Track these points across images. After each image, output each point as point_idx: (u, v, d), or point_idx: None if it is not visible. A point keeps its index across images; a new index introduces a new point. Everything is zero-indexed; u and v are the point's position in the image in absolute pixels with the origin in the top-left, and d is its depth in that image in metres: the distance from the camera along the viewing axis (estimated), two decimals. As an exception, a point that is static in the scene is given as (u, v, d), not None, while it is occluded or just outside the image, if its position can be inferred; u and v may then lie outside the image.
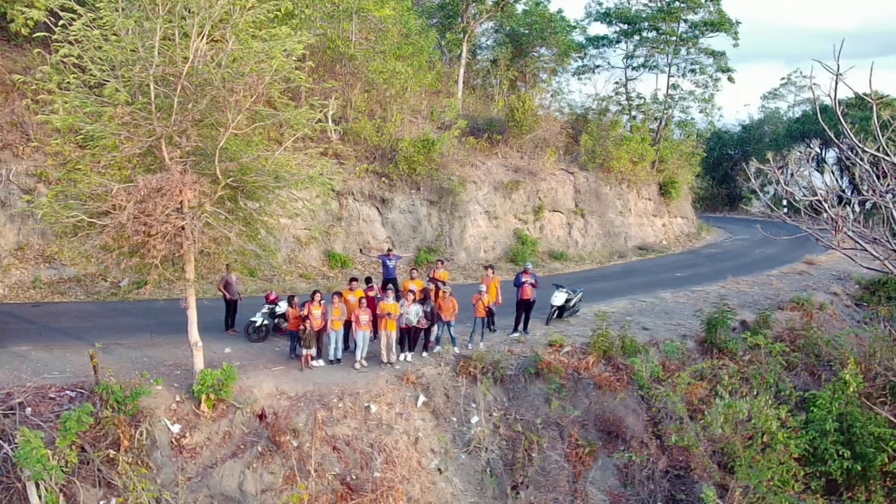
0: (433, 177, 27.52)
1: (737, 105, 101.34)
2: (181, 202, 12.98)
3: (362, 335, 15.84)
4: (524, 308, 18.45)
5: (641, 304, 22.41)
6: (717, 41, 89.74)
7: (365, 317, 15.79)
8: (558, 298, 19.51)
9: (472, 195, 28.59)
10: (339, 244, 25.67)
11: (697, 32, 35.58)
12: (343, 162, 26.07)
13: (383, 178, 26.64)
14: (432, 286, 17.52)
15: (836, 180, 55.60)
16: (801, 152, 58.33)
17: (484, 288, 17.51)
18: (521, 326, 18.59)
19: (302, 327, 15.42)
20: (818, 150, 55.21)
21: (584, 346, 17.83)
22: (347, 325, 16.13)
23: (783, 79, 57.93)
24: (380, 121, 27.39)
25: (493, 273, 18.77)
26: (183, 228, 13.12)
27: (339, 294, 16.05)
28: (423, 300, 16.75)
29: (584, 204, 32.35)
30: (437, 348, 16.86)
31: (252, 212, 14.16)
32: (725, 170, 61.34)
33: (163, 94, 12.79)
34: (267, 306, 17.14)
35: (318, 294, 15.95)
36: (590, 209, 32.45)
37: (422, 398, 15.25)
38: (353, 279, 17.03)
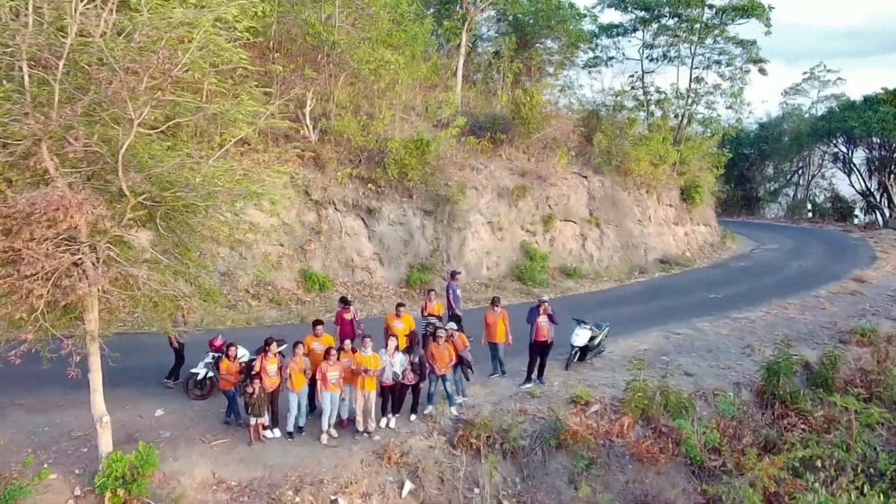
0: (428, 182, 23.81)
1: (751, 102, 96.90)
2: (76, 228, 9.27)
3: (330, 398, 12.13)
4: (539, 351, 14.74)
5: (677, 338, 18.67)
6: (745, 29, 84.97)
7: (334, 373, 12.07)
8: (580, 337, 15.78)
9: (472, 203, 24.87)
10: (318, 262, 21.93)
11: (726, 19, 31.76)
12: (308, 167, 22.35)
13: (370, 185, 22.92)
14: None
15: (864, 181, 51.95)
16: (824, 151, 54.63)
17: (454, 325, 13.88)
18: (534, 375, 14.89)
19: (251, 390, 11.70)
20: (844, 149, 51.44)
21: (616, 401, 14.12)
22: (313, 381, 12.43)
23: (805, 73, 53.99)
24: (366, 118, 23.65)
25: (499, 308, 15.07)
26: (77, 265, 9.46)
27: (301, 343, 12.34)
28: (410, 347, 13.06)
29: (599, 212, 28.62)
30: (429, 409, 13.16)
31: (178, 239, 10.47)
32: (741, 170, 57.50)
33: (39, 78, 9.09)
34: (211, 354, 13.38)
35: (273, 343, 12.21)
36: (606, 218, 28.71)
37: (408, 485, 11.51)
38: (317, 322, 13.16)
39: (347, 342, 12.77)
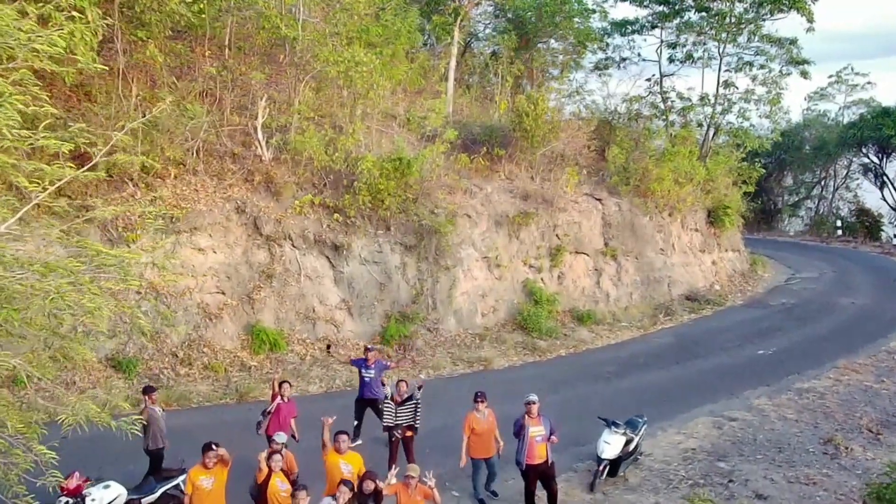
0: (409, 211, 19.34)
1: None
2: None
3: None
4: (535, 478, 10.13)
5: (732, 427, 14.16)
6: (784, 25, 77.49)
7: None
8: (611, 447, 11.27)
9: (464, 234, 20.41)
10: (269, 314, 17.42)
11: (764, 12, 27.28)
12: (258, 193, 17.89)
13: (336, 215, 18.45)
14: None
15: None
16: (851, 160, 50.14)
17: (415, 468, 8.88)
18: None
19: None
20: (876, 160, 47.00)
21: (668, 557, 9.66)
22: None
23: (831, 76, 49.41)
24: (331, 131, 19.18)
25: (485, 406, 10.59)
26: None
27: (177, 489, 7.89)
28: (366, 495, 8.56)
29: (615, 241, 24.16)
30: (392, 584, 8.71)
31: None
32: (759, 181, 53.05)
33: None
34: (63, 500, 8.86)
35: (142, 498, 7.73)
36: (623, 248, 24.26)
37: None
38: (209, 446, 8.54)
39: (277, 457, 8.56)
